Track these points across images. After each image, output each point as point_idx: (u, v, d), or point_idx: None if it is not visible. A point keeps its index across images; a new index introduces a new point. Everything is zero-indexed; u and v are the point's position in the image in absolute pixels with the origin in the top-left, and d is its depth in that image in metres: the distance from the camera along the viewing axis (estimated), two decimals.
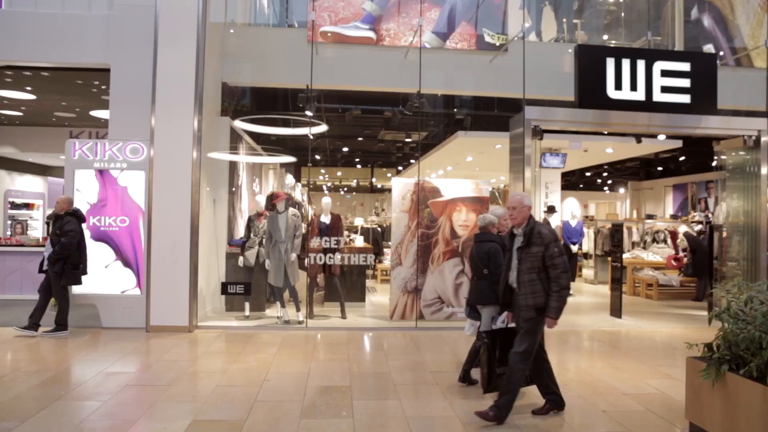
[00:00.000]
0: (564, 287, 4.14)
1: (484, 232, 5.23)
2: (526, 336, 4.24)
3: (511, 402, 4.25)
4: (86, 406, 4.48)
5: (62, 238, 6.80)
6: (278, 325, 7.72)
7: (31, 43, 7.64)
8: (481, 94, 10.40)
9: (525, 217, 4.33)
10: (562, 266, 4.13)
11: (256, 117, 9.11)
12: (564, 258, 4.16)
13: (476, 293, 5.16)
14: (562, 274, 4.12)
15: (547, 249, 4.15)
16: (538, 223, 4.29)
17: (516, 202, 4.34)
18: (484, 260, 5.06)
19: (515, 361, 4.23)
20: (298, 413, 4.39)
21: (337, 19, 8.62)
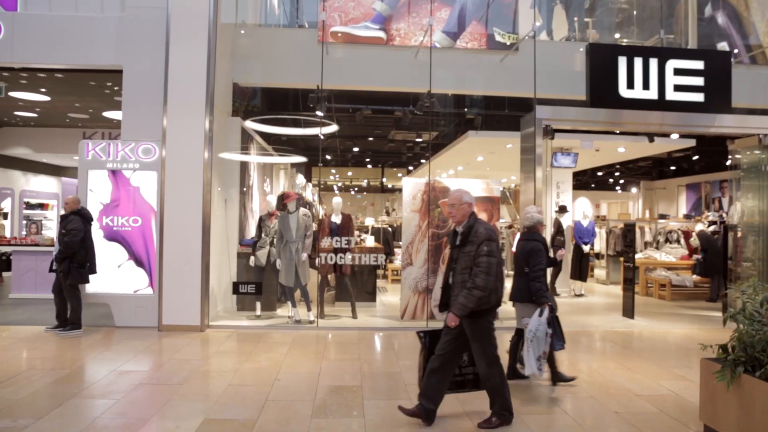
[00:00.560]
0: (478, 287, 3.88)
1: (532, 231, 5.29)
2: (475, 339, 4.07)
3: (506, 402, 4.14)
4: (99, 404, 4.52)
5: (65, 237, 6.88)
6: (289, 324, 7.74)
7: (46, 45, 7.72)
8: (492, 94, 10.36)
9: (464, 214, 4.15)
10: (484, 266, 3.90)
11: (267, 117, 9.15)
12: (491, 260, 3.92)
13: (516, 290, 5.29)
14: (481, 273, 3.89)
15: (478, 247, 3.97)
16: (479, 222, 4.11)
17: (455, 199, 4.18)
18: (525, 258, 5.13)
19: (481, 367, 4.10)
20: (309, 413, 4.39)
21: (348, 20, 8.63)
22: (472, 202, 4.18)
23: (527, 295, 5.08)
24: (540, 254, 5.08)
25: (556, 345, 4.95)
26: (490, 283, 3.92)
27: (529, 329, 4.84)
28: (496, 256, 3.98)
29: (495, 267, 3.95)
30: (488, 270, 3.90)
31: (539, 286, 4.99)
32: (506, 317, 8.36)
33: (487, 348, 4.07)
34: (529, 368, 4.86)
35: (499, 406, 4.13)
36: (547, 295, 5.00)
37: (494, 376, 4.09)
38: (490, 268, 3.91)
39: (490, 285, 3.92)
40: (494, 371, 4.09)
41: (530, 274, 5.03)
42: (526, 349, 4.86)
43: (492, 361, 4.09)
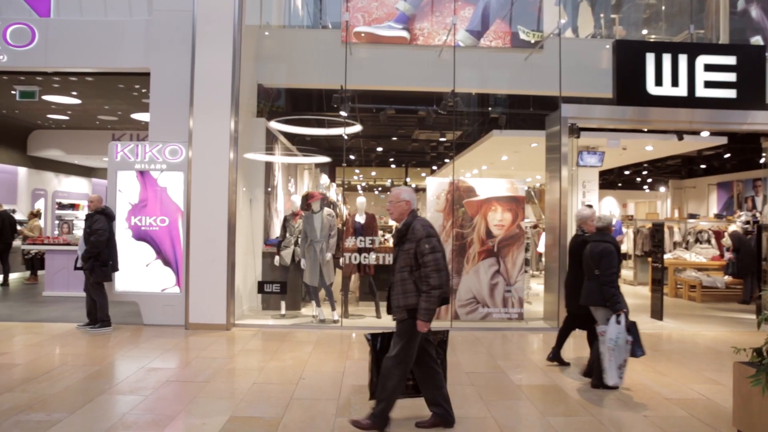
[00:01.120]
0: (434, 287, 3.78)
1: (603, 232, 5.20)
2: (398, 339, 3.94)
3: (387, 410, 3.95)
4: (128, 400, 4.61)
5: (92, 236, 7.02)
6: (313, 324, 7.78)
7: (77, 49, 7.90)
8: (516, 93, 10.27)
9: (402, 212, 4.06)
10: (432, 264, 3.78)
11: (291, 118, 9.21)
12: (437, 256, 3.81)
13: (586, 294, 5.17)
14: (432, 272, 3.78)
15: (419, 245, 3.84)
16: (417, 219, 3.99)
17: (393, 196, 4.11)
18: (596, 260, 5.03)
19: (387, 366, 3.93)
20: (334, 412, 4.41)
21: (371, 20, 8.64)
22: (410, 199, 4.09)
23: (600, 299, 4.98)
24: (612, 256, 4.96)
25: (636, 351, 4.86)
26: (443, 278, 3.84)
27: (609, 338, 4.76)
28: (440, 250, 3.88)
29: (443, 262, 3.86)
30: (437, 267, 3.80)
31: (613, 291, 4.87)
32: (531, 317, 8.28)
33: (403, 349, 3.92)
34: (612, 378, 4.82)
35: (380, 410, 3.95)
36: (622, 301, 4.91)
37: (393, 378, 3.91)
38: (438, 263, 3.81)
39: (444, 280, 3.85)
40: (395, 374, 3.91)
41: (602, 278, 4.93)
42: (607, 359, 4.80)
43: (400, 363, 3.91)
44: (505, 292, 8.03)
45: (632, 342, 4.81)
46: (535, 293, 10.24)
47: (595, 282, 5.03)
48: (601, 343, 4.92)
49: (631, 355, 4.85)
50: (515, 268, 8.04)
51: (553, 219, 8.04)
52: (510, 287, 8.03)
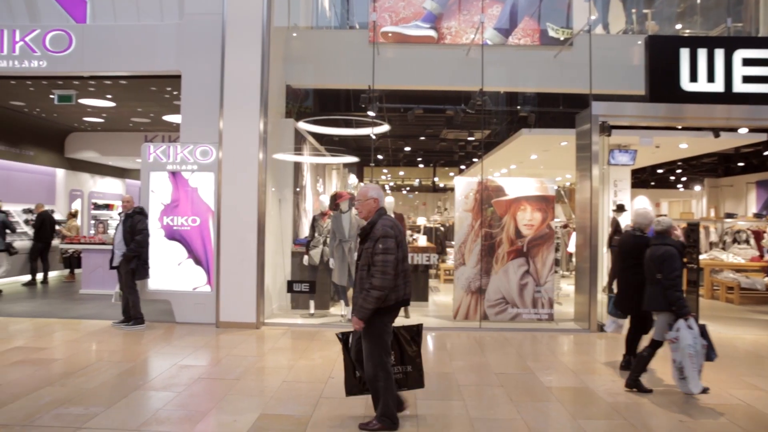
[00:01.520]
0: (375, 287, 3.75)
1: (663, 235, 5.11)
2: (365, 338, 3.94)
3: (388, 409, 3.94)
4: (162, 396, 4.70)
5: (136, 236, 7.17)
6: (342, 323, 7.81)
7: (111, 53, 8.09)
8: (546, 91, 10.14)
9: (370, 210, 4.04)
10: (380, 265, 3.76)
11: (320, 118, 9.27)
12: (386, 258, 3.77)
13: (649, 299, 5.09)
14: (377, 273, 3.76)
15: (374, 245, 3.84)
16: (382, 218, 3.95)
17: (361, 195, 4.09)
18: (658, 264, 4.94)
19: (368, 370, 3.93)
20: (363, 411, 4.42)
21: (398, 19, 8.64)
22: (378, 197, 4.06)
23: (663, 304, 4.88)
24: (674, 259, 4.84)
25: (711, 355, 4.79)
26: (388, 282, 3.77)
27: (687, 344, 4.68)
28: (393, 253, 3.81)
29: (392, 265, 3.79)
30: (384, 269, 3.76)
31: (678, 296, 4.77)
32: (561, 318, 8.17)
33: (375, 349, 3.90)
34: (696, 386, 4.76)
35: (381, 411, 3.95)
36: (687, 304, 4.81)
37: (379, 379, 3.90)
38: (386, 266, 3.77)
39: (388, 284, 3.78)
40: (379, 374, 3.90)
41: (665, 282, 4.83)
42: (689, 366, 4.72)
43: (378, 364, 3.89)
44: (535, 293, 7.94)
45: (707, 346, 4.72)
46: (566, 294, 10.10)
47: (657, 286, 4.92)
48: (673, 350, 4.81)
49: (706, 359, 4.76)
50: (545, 268, 7.94)
51: (584, 218, 7.92)
52: (540, 288, 7.93)
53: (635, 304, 5.36)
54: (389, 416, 3.95)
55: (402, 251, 3.94)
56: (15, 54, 8.14)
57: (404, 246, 4.01)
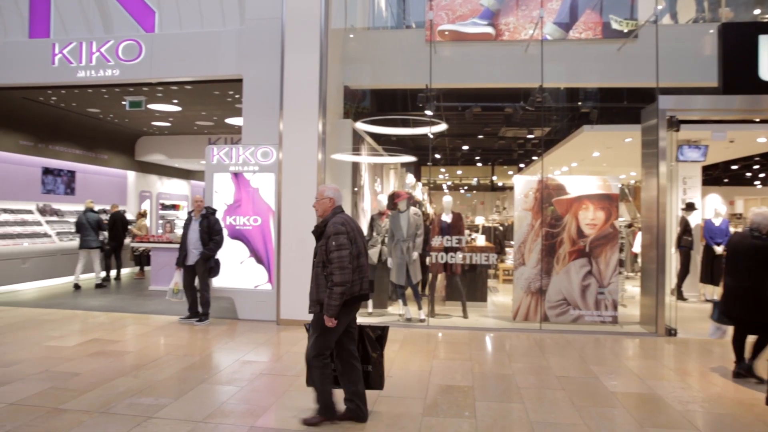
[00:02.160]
0: (337, 284, 3.84)
1: None
2: (313, 332, 4.05)
3: (326, 400, 4.04)
4: (226, 390, 4.86)
5: (214, 236, 7.46)
6: (400, 322, 7.84)
7: (178, 60, 8.45)
8: (609, 86, 9.78)
9: (326, 208, 4.17)
10: (336, 261, 3.86)
11: (377, 118, 9.32)
12: (341, 254, 3.86)
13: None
14: (335, 270, 3.86)
15: (327, 242, 3.94)
16: (337, 216, 4.07)
17: (318, 193, 4.25)
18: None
19: (308, 359, 4.05)
20: (421, 410, 4.42)
21: (455, 17, 8.57)
22: (334, 197, 4.19)
23: None
24: None
25: None
26: (347, 276, 3.88)
27: None
28: (347, 248, 3.91)
29: (348, 259, 3.89)
30: (341, 264, 3.87)
31: None
32: (626, 321, 7.88)
33: (319, 340, 4.01)
34: None
35: (321, 402, 4.06)
36: None
37: (313, 368, 4.02)
38: (342, 261, 3.87)
39: (347, 278, 3.89)
40: (314, 364, 4.01)
41: None
42: None
43: (318, 355, 4.00)
44: (598, 294, 7.69)
45: None
46: (631, 296, 9.73)
47: None
48: None
49: None
50: (608, 269, 7.68)
51: (650, 218, 7.60)
52: (603, 289, 7.68)
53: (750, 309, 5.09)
54: (327, 406, 4.07)
55: (356, 247, 4.05)
56: (92, 64, 8.64)
57: (359, 242, 4.11)
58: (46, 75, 8.85)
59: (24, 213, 11.56)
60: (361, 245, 4.12)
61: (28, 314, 8.14)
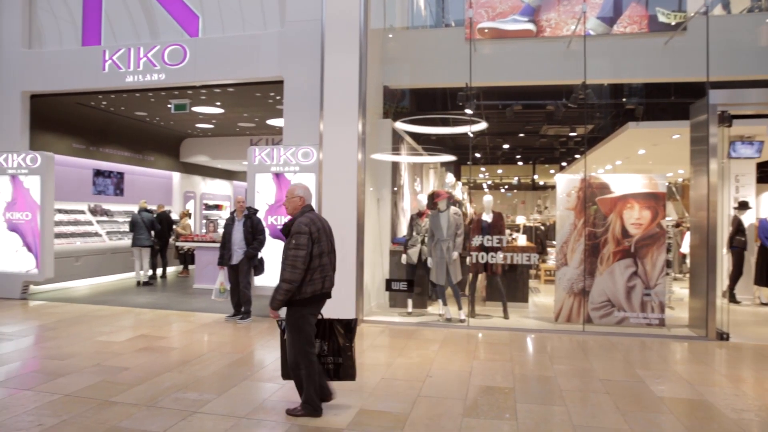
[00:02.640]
0: (285, 280, 4.00)
1: None
2: (288, 328, 4.20)
3: (311, 397, 4.16)
4: (268, 388, 4.94)
5: (258, 236, 7.60)
6: (440, 322, 7.80)
7: (221, 63, 8.63)
8: (655, 81, 9.51)
9: (296, 207, 4.27)
10: (290, 259, 4.01)
11: (417, 117, 9.31)
12: (297, 253, 4.01)
13: None
14: (287, 267, 4.01)
15: (289, 240, 4.07)
16: (305, 215, 4.18)
17: (288, 192, 4.33)
18: None
19: (291, 357, 4.19)
20: (461, 411, 4.39)
21: (495, 14, 8.47)
22: (304, 195, 4.28)
23: None
24: None
25: None
26: (297, 275, 4.00)
27: None
28: (304, 248, 4.02)
29: (302, 260, 4.01)
30: (294, 263, 4.00)
31: None
32: (674, 324, 7.64)
33: (296, 339, 4.14)
34: None
35: (304, 398, 4.19)
36: None
37: (300, 368, 4.13)
38: (296, 260, 4.00)
39: (297, 278, 4.00)
40: (301, 363, 4.13)
41: None
42: None
43: (300, 353, 4.12)
44: (644, 296, 7.47)
45: None
46: (679, 298, 9.41)
47: None
48: None
49: None
50: (655, 270, 7.45)
51: (700, 217, 7.33)
52: (649, 290, 7.46)
53: None
54: (311, 403, 4.18)
55: (319, 247, 4.14)
56: (139, 69, 8.93)
57: (323, 242, 4.19)
58: (97, 80, 9.19)
59: (77, 213, 12.04)
60: (325, 245, 4.22)
61: (81, 310, 8.48)
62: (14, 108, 9.58)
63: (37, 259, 9.38)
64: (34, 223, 9.40)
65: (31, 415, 4.19)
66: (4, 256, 9.53)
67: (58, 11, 9.52)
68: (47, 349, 6.17)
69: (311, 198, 4.39)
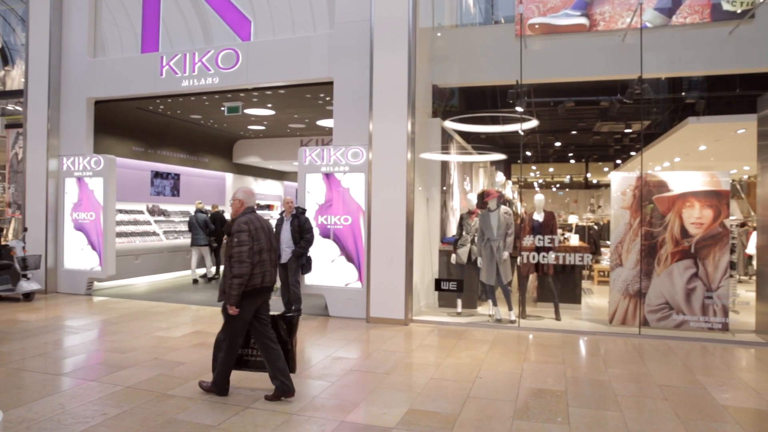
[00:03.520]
0: (235, 275, 4.33)
1: None
2: (224, 319, 4.60)
3: (222, 379, 4.58)
4: (317, 385, 5.00)
5: (305, 235, 7.70)
6: (490, 323, 7.71)
7: (272, 66, 8.80)
8: (717, 73, 9.07)
9: (236, 209, 4.66)
10: (236, 256, 4.36)
11: (466, 116, 9.22)
12: (240, 249, 4.36)
13: None
14: (234, 263, 4.36)
15: (231, 239, 4.45)
16: (244, 215, 4.56)
17: (232, 195, 4.76)
18: None
19: (217, 341, 4.66)
20: (511, 413, 4.32)
21: (546, 9, 8.28)
22: (243, 198, 4.66)
23: None
24: None
25: None
26: (245, 269, 4.36)
27: None
28: (246, 244, 4.39)
29: (246, 254, 4.36)
30: (240, 258, 4.36)
31: None
32: (739, 329, 7.27)
33: (228, 326, 4.55)
34: None
35: (216, 378, 4.61)
36: None
37: (221, 349, 4.57)
38: (241, 255, 4.36)
39: (245, 271, 4.36)
40: (223, 347, 4.55)
41: None
42: None
43: (227, 338, 4.55)
44: (705, 299, 7.15)
45: None
46: (744, 301, 8.93)
47: None
48: None
49: None
50: (717, 271, 7.12)
51: None
52: (711, 293, 7.13)
53: None
54: (219, 384, 4.60)
55: (258, 243, 4.50)
56: (194, 74, 9.21)
57: (262, 239, 4.55)
58: (155, 86, 9.55)
59: (136, 213, 12.55)
60: (264, 242, 4.56)
61: (140, 306, 8.83)
62: (80, 114, 10.08)
63: (101, 257, 9.84)
64: (97, 223, 9.87)
65: (96, 404, 4.41)
66: (71, 254, 10.04)
67: (120, 21, 9.94)
68: (110, 343, 6.46)
69: (252, 200, 4.76)
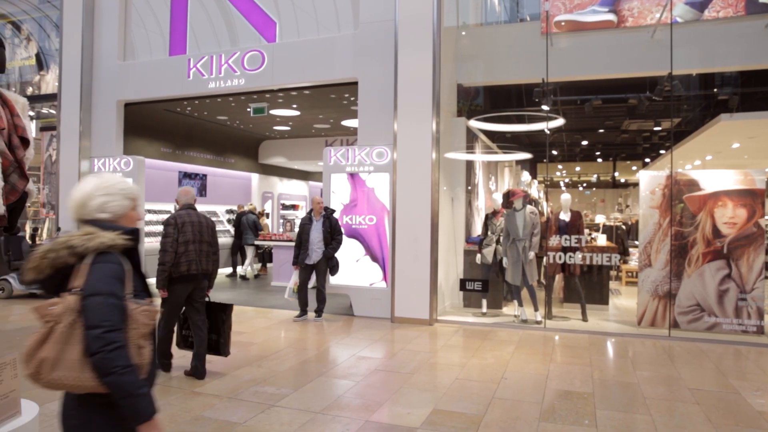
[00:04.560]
0: (160, 263, 4.94)
1: None
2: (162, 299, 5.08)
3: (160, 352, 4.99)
4: (342, 384, 5.02)
5: (336, 236, 7.71)
6: (515, 323, 7.64)
7: (297, 67, 8.86)
8: (751, 68, 8.83)
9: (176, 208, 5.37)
10: (161, 245, 4.98)
11: (491, 115, 9.15)
12: (165, 240, 4.97)
13: None
14: (160, 252, 4.97)
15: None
16: (178, 212, 5.18)
17: None
18: None
19: None
20: (537, 415, 4.27)
21: (572, 6, 8.17)
22: (177, 197, 5.35)
23: None
24: None
25: None
26: (168, 257, 4.93)
27: None
28: (170, 236, 4.98)
29: (169, 244, 4.95)
30: (163, 248, 4.97)
31: None
32: None
33: (164, 308, 5.05)
34: None
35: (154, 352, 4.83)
36: None
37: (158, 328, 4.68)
38: (164, 245, 4.97)
39: (168, 258, 4.93)
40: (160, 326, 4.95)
41: None
42: None
43: (162, 317, 5.03)
44: (739, 301, 6.96)
45: None
46: None
47: None
48: None
49: None
50: (752, 273, 6.92)
51: None
52: (745, 295, 6.94)
53: None
54: (159, 361, 4.93)
55: (184, 236, 5.02)
56: (221, 75, 9.33)
57: (188, 232, 5.05)
58: (183, 88, 9.70)
59: (165, 213, 12.76)
60: (189, 234, 5.05)
61: None
62: (111, 116, 10.29)
63: None
64: None
65: None
66: None
67: (149, 25, 10.12)
68: None
69: (187, 199, 5.35)
